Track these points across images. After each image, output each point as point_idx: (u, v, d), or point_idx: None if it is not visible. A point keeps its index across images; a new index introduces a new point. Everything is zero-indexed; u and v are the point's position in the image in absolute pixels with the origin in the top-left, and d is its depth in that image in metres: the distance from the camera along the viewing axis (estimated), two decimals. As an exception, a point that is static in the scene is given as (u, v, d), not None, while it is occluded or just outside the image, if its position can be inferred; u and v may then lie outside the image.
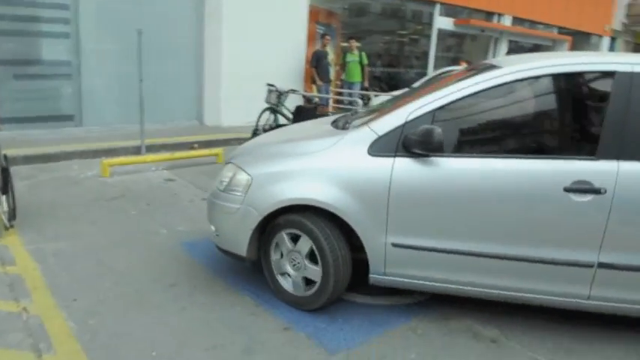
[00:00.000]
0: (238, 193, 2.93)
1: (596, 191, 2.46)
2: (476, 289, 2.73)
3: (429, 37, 13.23)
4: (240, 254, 3.02)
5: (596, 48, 18.63)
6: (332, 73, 10.44)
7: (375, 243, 2.72)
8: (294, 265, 2.96)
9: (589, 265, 2.54)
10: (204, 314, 2.92)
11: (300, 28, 10.02)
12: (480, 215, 2.60)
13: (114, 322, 2.80)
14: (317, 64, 9.73)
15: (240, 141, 7.90)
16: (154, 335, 2.70)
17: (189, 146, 7.28)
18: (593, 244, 2.51)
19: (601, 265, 2.53)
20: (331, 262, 2.76)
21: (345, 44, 11.30)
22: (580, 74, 2.67)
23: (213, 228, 3.18)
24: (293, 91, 7.55)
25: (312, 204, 2.74)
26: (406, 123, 2.64)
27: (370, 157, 2.68)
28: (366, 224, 2.69)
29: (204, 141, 7.59)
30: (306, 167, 2.79)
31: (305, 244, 2.86)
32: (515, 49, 15.32)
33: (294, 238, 2.92)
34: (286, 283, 3.02)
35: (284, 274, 3.03)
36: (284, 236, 2.93)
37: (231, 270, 3.50)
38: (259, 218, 2.87)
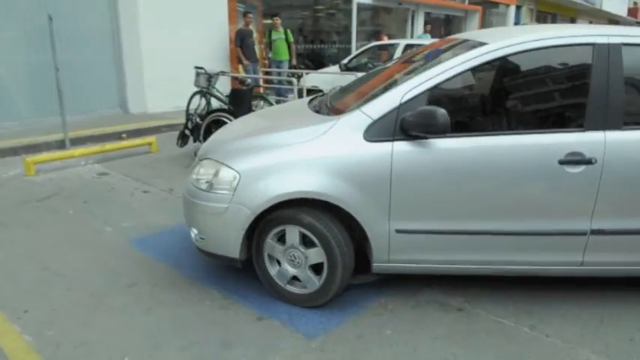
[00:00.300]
0: (225, 192, 2.71)
1: (588, 161, 2.54)
2: (476, 266, 2.79)
3: (348, 11, 13.29)
4: (231, 256, 2.82)
5: (503, 17, 19.64)
6: (257, 52, 10.24)
7: (379, 231, 2.66)
8: (292, 261, 2.82)
9: (582, 233, 2.66)
10: (172, 312, 2.82)
11: (220, 7, 9.70)
12: (481, 193, 2.62)
13: (75, 330, 2.64)
14: (242, 43, 9.49)
15: (173, 127, 7.64)
16: (123, 340, 2.57)
17: (118, 136, 6.90)
18: (586, 212, 2.62)
19: (593, 232, 2.64)
20: (338, 256, 2.67)
21: (268, 21, 11.10)
22: (565, 47, 2.70)
23: (194, 231, 2.93)
24: (223, 72, 7.31)
25: (312, 197, 2.60)
26: (401, 105, 2.57)
27: (367, 143, 2.59)
28: (369, 213, 2.62)
29: (133, 130, 7.22)
30: (300, 158, 2.63)
31: (314, 250, 2.73)
32: (430, 20, 15.78)
33: (290, 235, 2.77)
34: (283, 281, 2.89)
35: (281, 272, 2.89)
36: (292, 231, 2.75)
37: (189, 263, 3.39)
38: (252, 217, 2.68)
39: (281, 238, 2.81)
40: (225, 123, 5.68)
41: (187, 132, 6.11)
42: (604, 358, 2.50)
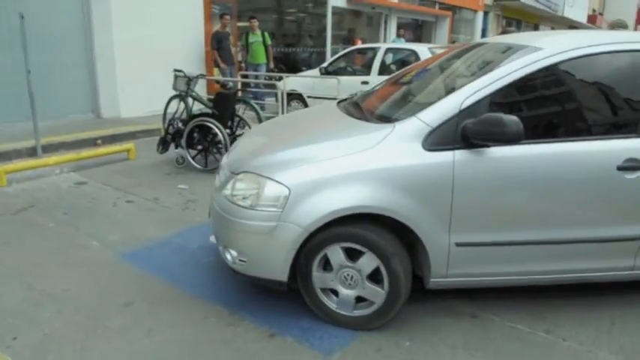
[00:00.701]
0: (273, 209, 2.47)
1: None
2: (533, 277, 2.72)
3: (322, 15, 13.21)
4: (278, 279, 2.59)
5: (472, 22, 19.98)
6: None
7: (438, 245, 2.52)
8: (346, 282, 2.62)
9: (635, 238, 2.65)
10: (177, 333, 2.64)
11: (196, 9, 9.46)
12: (542, 202, 2.56)
13: (73, 357, 2.42)
14: (218, 46, 9.28)
15: (150, 133, 7.37)
16: (127, 366, 2.38)
17: (93, 143, 6.58)
18: (638, 217, 2.63)
19: None
20: (401, 272, 2.52)
21: (243, 24, 10.90)
22: (620, 53, 2.68)
23: (233, 253, 2.67)
24: (202, 75, 7.09)
25: (371, 211, 2.44)
26: (460, 112, 2.46)
27: (426, 153, 2.45)
28: (429, 226, 2.48)
29: (108, 136, 6.91)
30: (356, 170, 2.44)
31: (364, 258, 2.55)
32: (402, 25, 15.87)
33: (346, 253, 2.59)
34: (335, 303, 2.69)
35: (331, 292, 2.69)
36: (334, 251, 2.57)
37: (188, 278, 3.21)
38: (304, 235, 2.47)
39: (326, 266, 2.62)
40: (210, 128, 5.50)
41: (168, 138, 5.87)
42: (622, 358, 2.50)
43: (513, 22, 23.05)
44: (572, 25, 28.34)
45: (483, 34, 20.44)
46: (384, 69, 8.13)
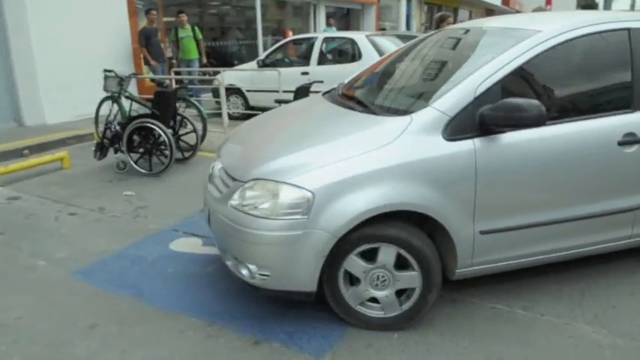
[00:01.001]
0: (297, 216, 2.32)
1: (639, 141, 2.68)
2: (550, 255, 2.79)
3: (251, 7, 12.92)
4: (307, 290, 2.45)
5: (397, 9, 20.37)
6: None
7: (464, 235, 2.50)
8: (376, 285, 2.52)
9: (632, 209, 2.79)
10: (154, 352, 2.45)
11: (119, 4, 8.92)
12: (559, 182, 2.62)
13: (40, 394, 2.18)
14: (147, 42, 8.80)
15: (82, 138, 6.89)
16: (104, 395, 2.17)
17: (19, 154, 6.05)
18: (637, 189, 2.77)
19: None
20: (434, 267, 2.48)
21: (170, 19, 10.44)
22: (608, 32, 2.76)
23: (252, 268, 2.46)
24: (135, 75, 6.71)
25: (401, 208, 2.36)
26: (475, 98, 2.43)
27: (447, 143, 2.40)
28: (455, 218, 2.44)
29: (36, 145, 6.36)
30: (379, 167, 2.35)
31: (381, 252, 2.46)
32: (331, 14, 15.87)
33: (371, 255, 2.48)
34: (380, 310, 2.58)
35: (356, 291, 2.56)
36: (359, 255, 2.47)
37: (154, 291, 3.00)
38: (333, 240, 2.33)
39: (365, 256, 2.50)
40: (152, 129, 5.20)
41: (106, 142, 5.50)
42: (598, 327, 2.60)
43: (434, 8, 23.77)
44: (489, 9, 29.70)
45: (408, 21, 20.91)
46: (322, 59, 8.06)
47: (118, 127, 5.42)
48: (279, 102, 5.39)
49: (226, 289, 2.99)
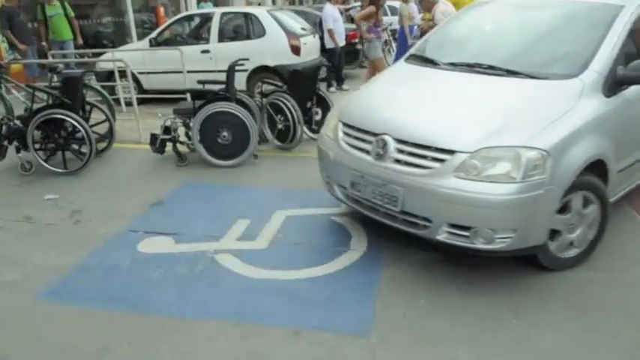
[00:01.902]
0: (538, 177, 2.50)
1: None
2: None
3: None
4: (539, 244, 2.69)
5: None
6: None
7: (613, 175, 2.93)
8: (569, 231, 2.84)
9: None
10: (194, 363, 2.23)
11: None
12: None
13: None
14: (10, 24, 7.56)
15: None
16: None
17: None
18: None
19: None
20: (607, 199, 2.89)
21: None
22: None
23: (491, 234, 2.56)
24: (15, 60, 5.79)
25: (597, 158, 2.76)
26: (614, 61, 2.88)
27: (607, 99, 2.85)
28: (611, 161, 2.88)
29: None
30: (580, 125, 2.69)
31: (579, 201, 2.80)
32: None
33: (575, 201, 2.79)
34: (561, 251, 2.87)
35: (561, 242, 2.84)
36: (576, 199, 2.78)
37: (150, 300, 2.72)
38: (561, 193, 2.61)
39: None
40: (63, 121, 4.55)
41: (5, 141, 4.70)
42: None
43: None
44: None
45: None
46: (222, 36, 7.66)
47: (18, 123, 4.66)
48: (203, 83, 5.04)
49: (232, 286, 2.82)
